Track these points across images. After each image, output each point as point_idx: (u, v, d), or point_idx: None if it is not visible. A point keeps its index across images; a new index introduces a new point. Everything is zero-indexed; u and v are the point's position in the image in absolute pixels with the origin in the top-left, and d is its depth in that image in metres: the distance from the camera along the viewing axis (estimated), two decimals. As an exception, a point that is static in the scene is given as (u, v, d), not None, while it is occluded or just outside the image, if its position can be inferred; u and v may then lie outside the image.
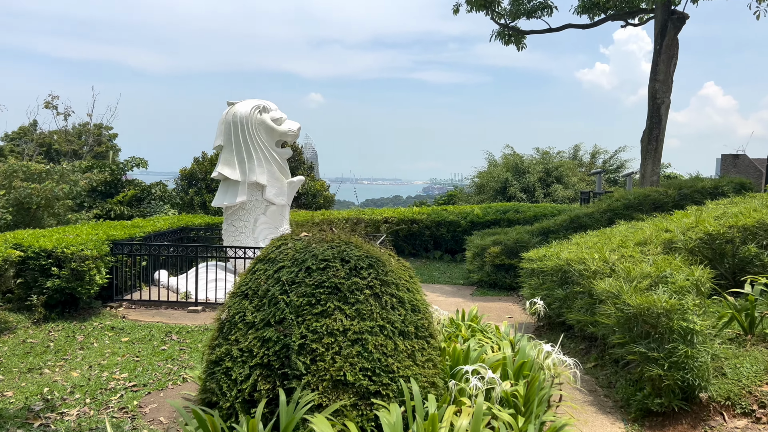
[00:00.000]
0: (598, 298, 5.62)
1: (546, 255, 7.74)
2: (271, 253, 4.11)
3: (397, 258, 4.60)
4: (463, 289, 12.22)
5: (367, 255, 4.02)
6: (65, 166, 17.18)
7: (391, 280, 4.00)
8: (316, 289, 3.75)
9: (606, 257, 6.11)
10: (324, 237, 4.17)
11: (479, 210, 16.31)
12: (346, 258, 3.93)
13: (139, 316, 9.17)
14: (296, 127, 10.62)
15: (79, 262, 8.32)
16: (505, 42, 15.59)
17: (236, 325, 3.82)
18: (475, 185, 32.65)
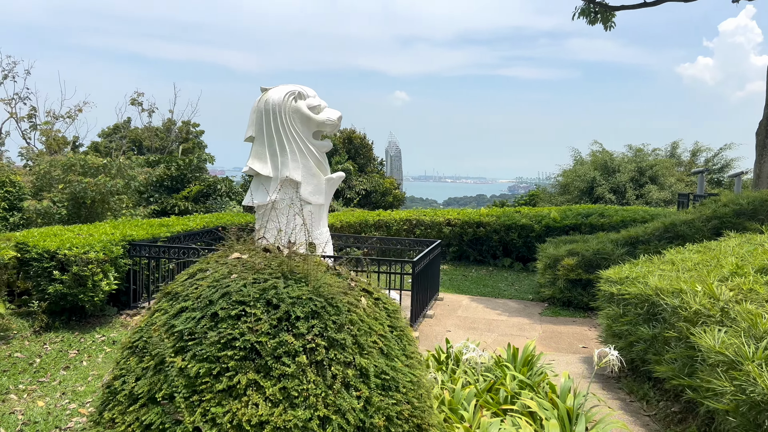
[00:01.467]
0: (702, 357, 3.88)
1: (629, 277, 5.95)
2: (178, 285, 2.78)
3: (375, 296, 3.11)
4: (530, 307, 10.46)
5: (312, 296, 2.59)
6: (122, 160, 16.85)
7: (345, 339, 2.54)
8: (223, 350, 2.38)
9: (714, 291, 4.32)
10: (266, 259, 2.79)
11: (556, 213, 14.37)
12: (275, 300, 2.53)
13: (152, 327, 8.18)
14: (336, 116, 9.29)
15: (81, 266, 7.40)
16: (590, 20, 13.56)
17: (116, 396, 2.52)
18: (558, 185, 30.27)
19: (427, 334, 8.37)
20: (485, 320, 9.34)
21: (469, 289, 11.81)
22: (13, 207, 14.53)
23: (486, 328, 8.90)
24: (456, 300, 10.74)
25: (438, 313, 9.61)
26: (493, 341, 8.22)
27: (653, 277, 5.50)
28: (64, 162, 15.53)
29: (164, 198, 22.03)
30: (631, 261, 7.10)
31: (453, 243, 14.57)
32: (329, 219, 13.65)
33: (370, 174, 27.74)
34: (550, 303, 10.65)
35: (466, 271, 13.68)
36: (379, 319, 2.79)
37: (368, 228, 14.02)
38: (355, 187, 26.42)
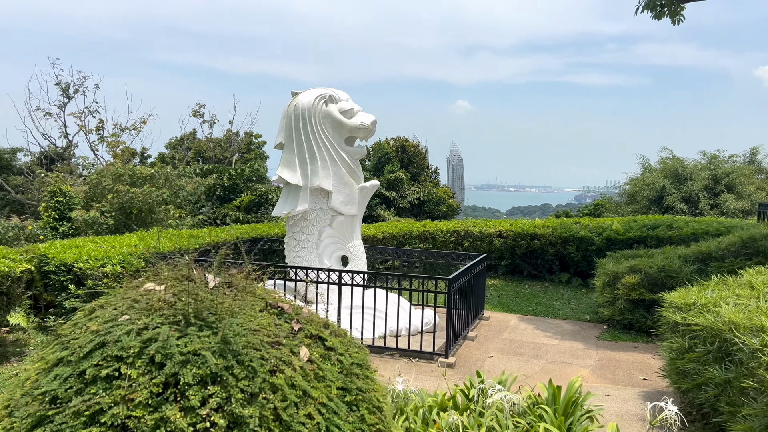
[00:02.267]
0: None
1: (696, 303, 4.99)
2: (69, 326, 2.18)
3: (328, 344, 2.39)
4: (586, 329, 9.43)
5: (216, 350, 1.90)
6: (169, 170, 16.85)
7: (255, 415, 1.83)
8: (87, 426, 1.75)
9: None
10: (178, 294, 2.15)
11: (619, 224, 13.18)
12: (159, 357, 1.86)
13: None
14: (369, 121, 8.66)
15: (96, 280, 7.06)
16: (656, 15, 12.37)
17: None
18: (625, 194, 28.57)
19: (466, 360, 7.56)
20: (533, 344, 8.42)
21: (520, 307, 10.87)
22: (63, 217, 14.69)
23: (533, 353, 8.00)
24: (503, 320, 9.85)
25: (481, 335, 8.77)
26: (540, 370, 7.32)
27: (727, 305, 4.53)
28: (113, 172, 15.63)
29: (216, 208, 22.09)
30: (701, 282, 6.07)
31: (505, 256, 13.62)
32: (370, 230, 13.02)
33: (424, 183, 27.02)
34: (609, 325, 9.59)
35: (518, 287, 12.72)
36: (327, 379, 2.10)
37: (413, 240, 13.29)
38: (408, 197, 25.75)
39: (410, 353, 7.51)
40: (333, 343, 2.43)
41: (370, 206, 25.54)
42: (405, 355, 7.52)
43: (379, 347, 7.62)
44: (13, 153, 38.40)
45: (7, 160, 38.50)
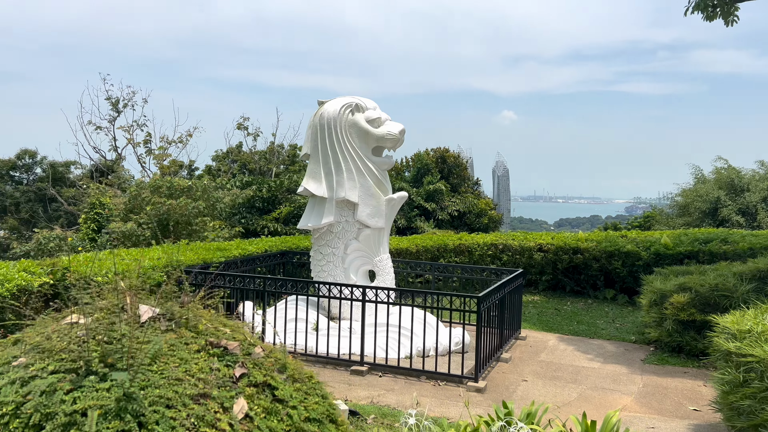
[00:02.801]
0: None
1: (752, 331, 4.41)
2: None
3: (278, 394, 2.02)
4: (632, 351, 8.78)
5: (113, 407, 1.55)
6: (206, 182, 16.90)
7: None
8: None
9: None
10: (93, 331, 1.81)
11: (668, 238, 12.40)
12: (39, 417, 1.53)
13: (193, 361, 7.54)
14: (397, 130, 8.32)
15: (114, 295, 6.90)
16: (708, 16, 11.63)
17: None
18: (676, 205, 27.28)
19: (497, 384, 7.06)
20: (572, 367, 7.85)
21: (560, 326, 10.26)
22: (102, 228, 14.88)
23: (572, 377, 7.43)
24: (542, 340, 9.28)
25: (516, 357, 8.24)
26: (578, 397, 6.76)
27: (788, 334, 3.97)
28: (151, 184, 15.77)
29: (255, 219, 22.11)
30: (758, 304, 5.45)
31: (546, 271, 13.00)
32: (404, 243, 12.63)
33: (464, 194, 26.45)
34: (656, 347, 8.90)
35: (559, 304, 12.08)
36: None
37: (448, 253, 12.82)
38: (448, 208, 25.24)
39: (437, 376, 7.07)
40: (285, 393, 2.07)
41: (408, 218, 25.11)
42: (432, 378, 7.08)
43: (404, 369, 7.21)
44: (66, 166, 39.71)
45: (61, 172, 39.84)
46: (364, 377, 7.13)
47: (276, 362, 2.13)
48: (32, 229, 27.23)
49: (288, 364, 2.21)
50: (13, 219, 36.42)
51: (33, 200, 40.63)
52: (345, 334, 7.74)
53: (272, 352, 2.19)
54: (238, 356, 2.09)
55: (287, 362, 2.22)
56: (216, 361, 1.97)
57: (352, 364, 7.36)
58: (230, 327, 2.29)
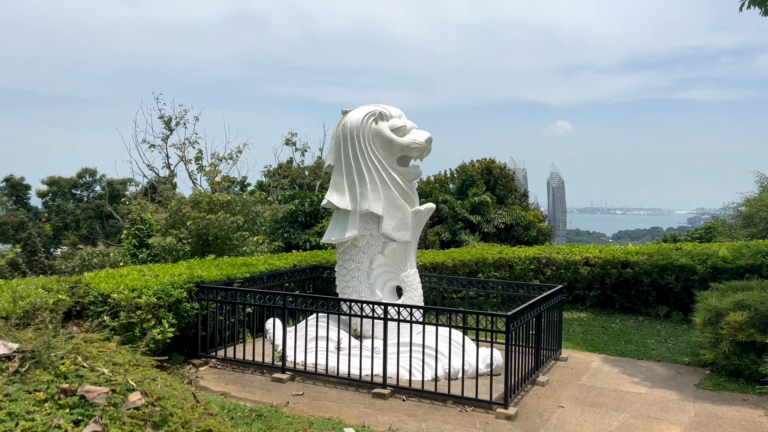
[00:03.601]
0: None
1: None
2: None
3: None
4: (684, 375, 8.02)
5: None
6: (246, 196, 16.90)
7: None
8: None
9: None
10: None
11: (727, 250, 11.47)
12: None
13: (212, 382, 7.30)
14: (423, 138, 7.92)
15: (128, 312, 6.75)
16: (765, 11, 10.76)
17: None
18: (740, 216, 25.68)
19: (530, 411, 6.50)
20: (616, 392, 7.18)
21: (606, 345, 9.54)
22: (143, 244, 15.04)
23: (614, 404, 6.78)
24: (585, 360, 8.62)
25: (554, 380, 7.64)
26: (619, 426, 6.12)
27: None
28: (191, 199, 15.88)
29: (297, 233, 22.06)
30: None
31: (594, 286, 12.25)
32: (440, 257, 12.15)
33: (511, 206, 25.67)
34: (711, 370, 8.11)
35: (607, 322, 11.32)
36: None
37: (487, 267, 12.26)
38: (494, 221, 24.53)
39: (464, 400, 6.57)
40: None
41: (453, 231, 24.53)
42: (458, 403, 6.58)
43: (429, 392, 6.74)
44: (123, 184, 41.05)
45: (118, 190, 41.20)
46: (386, 401, 6.71)
47: (152, 411, 1.75)
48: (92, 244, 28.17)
49: (169, 414, 1.82)
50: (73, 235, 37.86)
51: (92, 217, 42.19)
52: (369, 354, 7.36)
53: (161, 399, 1.81)
54: (98, 407, 1.74)
55: (168, 415, 1.81)
56: (64, 413, 1.63)
57: (374, 386, 6.95)
58: (125, 365, 1.95)
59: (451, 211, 24.77)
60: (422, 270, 11.70)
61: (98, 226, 38.44)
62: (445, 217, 24.90)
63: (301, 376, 7.45)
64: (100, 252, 15.30)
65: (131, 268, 8.39)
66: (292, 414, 6.26)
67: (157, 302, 7.03)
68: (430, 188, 26.66)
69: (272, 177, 40.84)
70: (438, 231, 24.16)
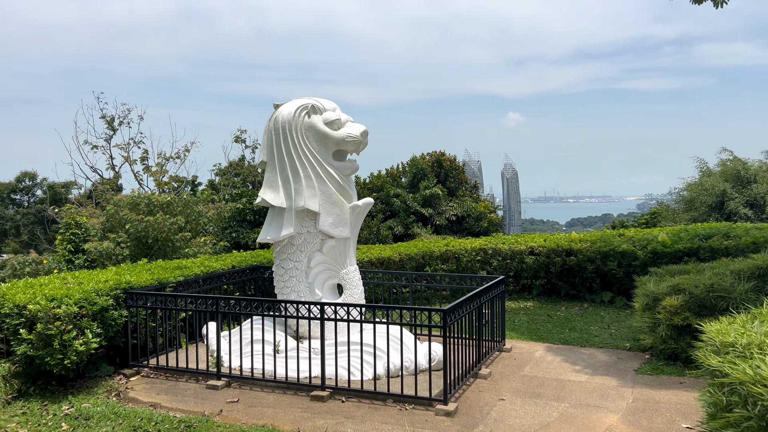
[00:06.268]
0: None
1: (736, 345, 3.74)
2: None
3: None
4: (625, 360, 8.08)
5: None
6: (185, 196, 16.38)
7: None
8: None
9: None
10: None
11: (667, 235, 11.70)
12: None
13: (142, 392, 6.94)
14: (358, 132, 7.72)
15: (46, 324, 6.33)
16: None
17: None
18: (683, 200, 26.51)
19: (470, 405, 6.40)
20: (557, 382, 7.16)
21: (550, 334, 9.57)
22: (79, 249, 14.38)
23: (555, 394, 6.75)
24: (528, 350, 8.61)
25: (497, 372, 7.57)
26: (559, 417, 6.08)
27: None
28: (129, 201, 15.28)
29: (246, 232, 21.58)
30: (747, 309, 4.77)
31: (540, 275, 12.32)
32: (386, 252, 12.00)
33: (462, 198, 25.79)
34: (651, 355, 8.20)
35: (552, 310, 11.39)
36: None
37: (434, 260, 12.17)
38: (445, 213, 24.58)
39: (404, 399, 6.42)
40: None
41: (405, 225, 24.48)
42: (399, 401, 6.43)
43: (368, 392, 6.57)
44: (66, 187, 39.48)
45: (61, 194, 39.58)
46: (325, 403, 6.50)
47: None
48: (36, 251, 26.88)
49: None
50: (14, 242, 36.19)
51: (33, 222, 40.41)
52: (308, 355, 7.13)
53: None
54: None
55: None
56: None
57: (313, 388, 6.73)
58: None
59: (403, 204, 24.70)
60: (369, 266, 11.54)
61: (40, 232, 36.88)
62: (397, 211, 24.83)
63: (238, 381, 7.17)
64: (32, 260, 14.55)
65: (53, 276, 7.92)
66: (225, 423, 5.99)
67: (79, 311, 6.62)
68: (381, 182, 26.55)
69: (224, 176, 40.01)
70: (391, 225, 24.07)
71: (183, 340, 8.43)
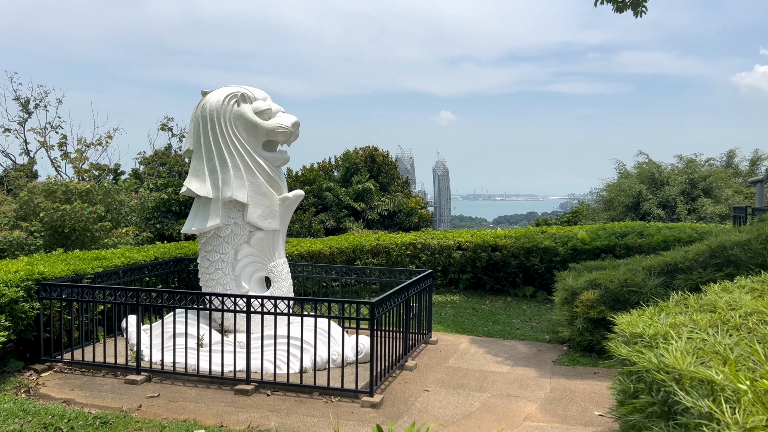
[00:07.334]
0: None
1: (643, 335, 3.98)
2: None
3: None
4: (545, 352, 8.41)
5: None
6: (106, 184, 15.68)
7: None
8: None
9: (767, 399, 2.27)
10: None
11: (586, 233, 12.24)
12: None
13: (55, 389, 6.60)
14: (289, 122, 7.62)
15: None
16: (618, 8, 11.51)
17: None
18: (602, 200, 27.80)
19: (396, 397, 6.48)
20: (480, 373, 7.37)
21: (475, 327, 9.83)
22: (-13, 238, 13.47)
23: (477, 385, 6.94)
24: (453, 343, 8.80)
25: (422, 364, 7.71)
26: (480, 407, 6.26)
27: (679, 339, 3.55)
28: (45, 188, 14.47)
29: (171, 224, 20.89)
30: (656, 302, 5.08)
31: (466, 270, 12.60)
32: (317, 245, 11.95)
33: (394, 193, 25.99)
34: (569, 347, 8.58)
35: (478, 304, 11.69)
36: None
37: (364, 254, 12.22)
38: (377, 208, 24.71)
39: (330, 391, 6.42)
40: None
41: (338, 219, 24.43)
42: (325, 394, 6.43)
43: (294, 385, 6.52)
44: (-25, 172, 36.86)
45: (-33, 179, 36.96)
46: (250, 397, 6.40)
47: None
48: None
49: None
50: None
51: (-63, 209, 37.55)
52: (233, 349, 7.00)
53: None
54: None
55: None
56: None
57: (238, 382, 6.62)
58: None
59: (335, 198, 24.63)
60: (299, 259, 11.44)
61: (-56, 220, 34.32)
62: (329, 204, 24.73)
63: (159, 376, 6.94)
64: (-66, 249, 13.50)
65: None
66: (143, 418, 5.79)
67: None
68: (314, 176, 26.37)
69: (149, 165, 38.49)
70: (323, 219, 23.95)
71: (101, 334, 8.08)
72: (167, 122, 35.32)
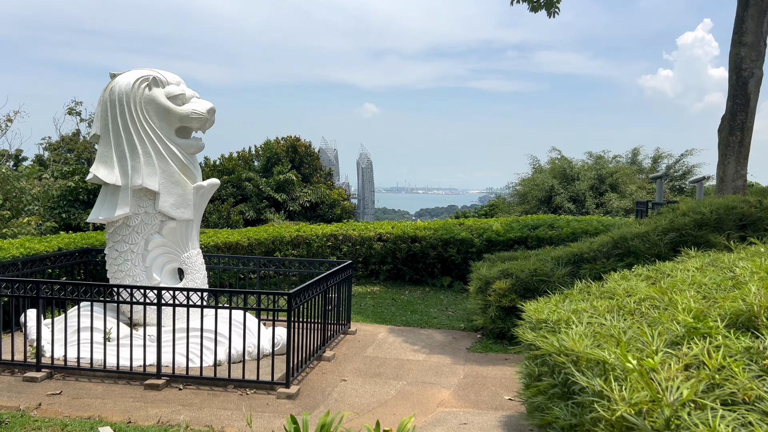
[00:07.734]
0: None
1: (548, 321, 4.18)
2: None
3: None
4: (459, 340, 8.65)
5: None
6: (4, 170, 14.66)
7: None
8: None
9: (656, 389, 2.43)
10: None
11: (500, 225, 12.66)
12: None
13: (-59, 387, 6.12)
14: (204, 109, 7.39)
15: None
16: (532, 7, 11.96)
17: None
18: (517, 194, 28.83)
19: (313, 387, 6.47)
20: (397, 361, 7.48)
21: (393, 317, 9.96)
22: None
23: (394, 373, 7.04)
24: (372, 332, 8.88)
25: (340, 354, 7.73)
26: (396, 394, 6.36)
27: (579, 324, 3.75)
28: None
29: (78, 213, 19.78)
30: (563, 290, 5.35)
31: (387, 261, 12.73)
32: (234, 236, 11.69)
33: (317, 185, 25.83)
34: (482, 334, 8.87)
35: (397, 294, 11.85)
36: None
37: (284, 245, 12.08)
38: (299, 199, 24.47)
39: (246, 384, 6.32)
40: None
41: (258, 210, 23.99)
42: (241, 386, 6.32)
43: (208, 379, 6.37)
44: None
45: None
46: (160, 392, 6.19)
47: None
48: None
49: None
50: None
51: None
52: (143, 343, 6.74)
53: None
54: None
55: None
56: None
57: (147, 377, 6.38)
58: None
59: (255, 189, 24.17)
60: (215, 250, 11.15)
61: None
62: (249, 195, 24.24)
63: (62, 372, 6.58)
64: None
65: None
66: (43, 417, 5.48)
67: None
68: (233, 165, 25.74)
69: (54, 151, 36.18)
70: (242, 209, 23.45)
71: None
72: (75, 106, 33.46)
